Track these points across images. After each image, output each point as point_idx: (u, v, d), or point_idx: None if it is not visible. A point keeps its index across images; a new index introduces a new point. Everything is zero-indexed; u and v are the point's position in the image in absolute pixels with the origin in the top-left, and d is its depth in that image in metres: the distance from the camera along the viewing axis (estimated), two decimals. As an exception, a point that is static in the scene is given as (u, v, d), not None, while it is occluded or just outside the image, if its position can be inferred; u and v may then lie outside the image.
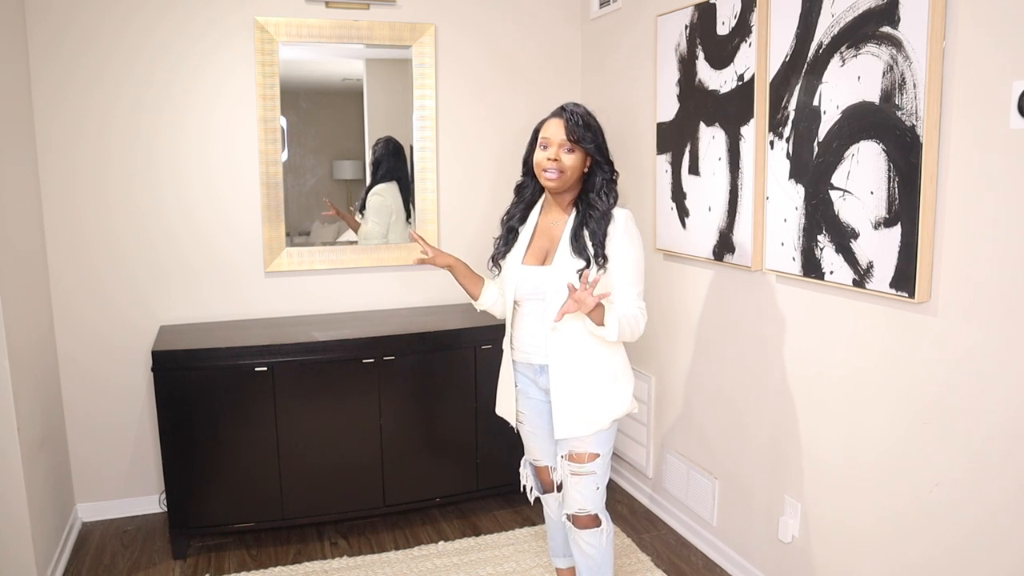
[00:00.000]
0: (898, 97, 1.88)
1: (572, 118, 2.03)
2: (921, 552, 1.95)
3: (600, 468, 2.13)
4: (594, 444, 2.10)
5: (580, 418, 2.07)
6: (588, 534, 2.16)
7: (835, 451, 2.23)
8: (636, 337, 2.05)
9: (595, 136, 2.06)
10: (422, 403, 3.01)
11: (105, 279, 3.06)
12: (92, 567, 2.80)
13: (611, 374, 2.10)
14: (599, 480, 2.14)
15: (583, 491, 2.13)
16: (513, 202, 2.25)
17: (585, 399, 2.08)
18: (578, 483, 2.13)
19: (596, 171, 2.08)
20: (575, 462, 2.12)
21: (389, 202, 3.40)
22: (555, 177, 2.04)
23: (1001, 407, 1.72)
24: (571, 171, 2.05)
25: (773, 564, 2.52)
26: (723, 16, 2.53)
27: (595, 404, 2.08)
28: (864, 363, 2.10)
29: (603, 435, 2.11)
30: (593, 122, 2.07)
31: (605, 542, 2.18)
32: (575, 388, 2.07)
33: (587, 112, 2.08)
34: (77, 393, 3.08)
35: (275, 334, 2.97)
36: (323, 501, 2.92)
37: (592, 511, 2.15)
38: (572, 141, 2.03)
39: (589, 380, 2.08)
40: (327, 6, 3.20)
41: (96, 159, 2.99)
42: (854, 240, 2.05)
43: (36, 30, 2.86)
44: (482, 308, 2.32)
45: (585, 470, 2.11)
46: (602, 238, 2.02)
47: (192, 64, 3.05)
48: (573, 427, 2.08)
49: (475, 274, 2.30)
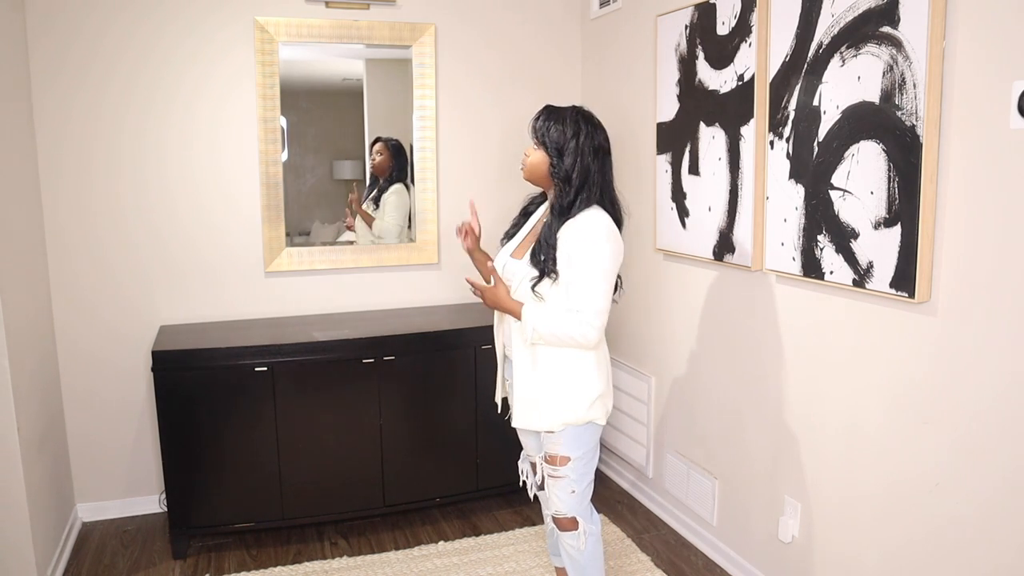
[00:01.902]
0: (898, 97, 1.88)
1: (540, 116, 2.06)
2: (921, 552, 1.95)
3: (574, 472, 2.11)
4: (565, 447, 2.09)
5: (528, 412, 2.09)
6: (568, 536, 2.17)
7: (835, 451, 2.23)
8: (567, 345, 2.00)
9: (560, 139, 2.00)
10: (422, 403, 3.01)
11: (105, 279, 3.06)
12: (92, 567, 2.80)
13: (570, 375, 2.05)
14: (574, 484, 2.12)
15: (558, 494, 2.13)
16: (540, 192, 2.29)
17: (535, 395, 2.07)
18: (553, 485, 2.14)
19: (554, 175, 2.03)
20: (550, 464, 2.13)
21: (407, 200, 3.42)
22: (522, 170, 2.12)
23: (1001, 407, 1.72)
24: (532, 167, 2.08)
25: (773, 564, 2.52)
26: (723, 16, 2.53)
27: (545, 402, 2.06)
28: (864, 363, 2.10)
29: (575, 439, 2.08)
30: (564, 126, 2.00)
31: (585, 545, 2.15)
32: (527, 382, 2.08)
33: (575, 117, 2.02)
34: (77, 393, 3.08)
35: (275, 334, 2.97)
36: (323, 501, 2.92)
37: (568, 514, 2.14)
38: (534, 139, 2.07)
39: (541, 378, 2.06)
40: (327, 6, 3.20)
41: (95, 159, 2.99)
42: (854, 240, 2.05)
43: (36, 30, 2.86)
44: None
45: (558, 473, 2.12)
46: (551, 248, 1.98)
47: (192, 64, 3.05)
48: (522, 419, 2.10)
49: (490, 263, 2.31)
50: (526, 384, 2.09)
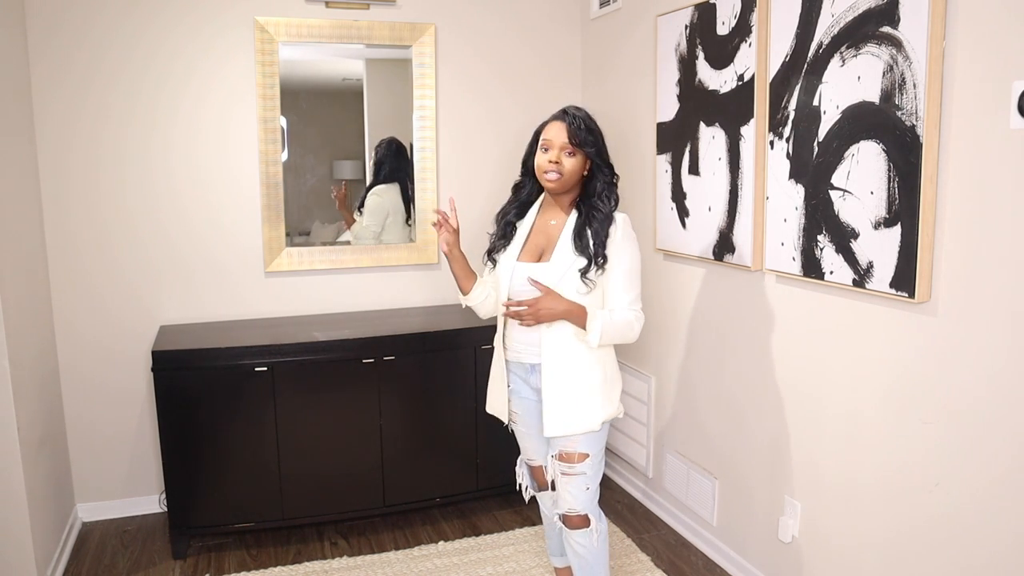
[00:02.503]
0: (898, 97, 1.88)
1: (574, 122, 2.05)
2: (921, 552, 1.95)
3: (590, 469, 2.13)
4: (584, 444, 2.11)
5: (569, 418, 2.08)
6: (579, 534, 2.17)
7: (835, 451, 2.23)
8: (629, 341, 2.08)
9: (596, 140, 2.08)
10: (422, 403, 3.01)
11: (105, 279, 3.06)
12: (92, 567, 2.80)
13: (601, 376, 2.11)
14: (589, 480, 2.14)
15: (573, 491, 2.14)
16: (509, 200, 2.26)
17: (575, 399, 2.08)
18: (568, 483, 2.14)
19: (597, 174, 2.10)
20: (565, 462, 2.13)
21: (386, 202, 3.41)
22: (555, 179, 2.06)
23: (1001, 406, 1.72)
24: (571, 174, 2.06)
25: (773, 564, 2.52)
26: (723, 16, 2.53)
27: (585, 404, 2.09)
28: (864, 363, 2.10)
29: (593, 435, 2.12)
30: (594, 126, 2.09)
31: (596, 542, 2.18)
32: (565, 388, 2.08)
33: (588, 116, 2.09)
34: (77, 393, 3.08)
35: (275, 334, 2.97)
36: (323, 501, 2.92)
37: (582, 511, 2.15)
38: (574, 145, 2.04)
39: (580, 380, 2.09)
40: (327, 6, 3.20)
41: (96, 159, 2.99)
42: (854, 240, 2.05)
43: (36, 31, 2.85)
44: (468, 304, 2.29)
45: (575, 470, 2.12)
46: (604, 239, 2.04)
47: (192, 64, 3.05)
48: (562, 426, 2.09)
49: (470, 268, 2.28)
50: (563, 389, 2.08)
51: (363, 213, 3.38)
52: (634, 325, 2.07)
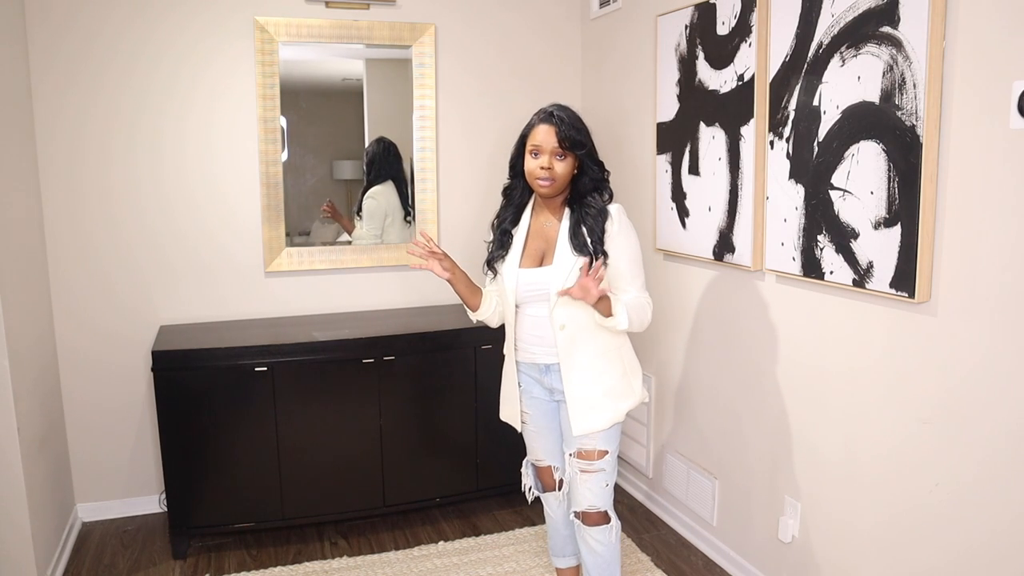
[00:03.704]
0: (898, 97, 1.88)
1: (563, 125, 2.02)
2: (921, 552, 1.95)
3: (609, 465, 2.15)
4: (603, 441, 2.13)
5: (596, 413, 2.10)
6: (597, 531, 2.17)
7: (835, 451, 2.23)
8: (645, 326, 2.10)
9: (585, 140, 2.05)
10: (422, 403, 3.01)
11: (105, 279, 3.06)
12: (92, 567, 2.80)
13: (620, 367, 2.13)
14: (608, 477, 2.16)
15: (593, 488, 2.14)
16: (503, 205, 2.25)
17: (599, 394, 2.10)
18: (588, 480, 2.14)
19: (586, 171, 2.08)
20: (585, 459, 2.13)
21: (383, 204, 3.40)
22: (548, 185, 2.05)
23: (1001, 406, 1.72)
24: (563, 178, 2.06)
25: (773, 564, 2.52)
26: (723, 16, 2.53)
27: (609, 398, 2.11)
28: (864, 363, 2.10)
29: (611, 432, 2.14)
30: (582, 125, 2.07)
31: (614, 539, 2.19)
32: (588, 384, 2.09)
33: (575, 115, 2.07)
34: (77, 393, 3.08)
35: (275, 334, 2.97)
36: (323, 501, 2.92)
37: (602, 508, 2.16)
38: (564, 148, 2.03)
39: (601, 375, 2.10)
40: (327, 6, 3.20)
41: (96, 159, 2.99)
42: (854, 240, 2.05)
43: (36, 31, 2.86)
44: (479, 319, 2.28)
45: (595, 467, 2.13)
46: (600, 234, 2.04)
47: (192, 64, 3.05)
48: (590, 422, 2.09)
49: (474, 284, 2.26)
50: (586, 387, 2.09)
51: (362, 218, 3.37)
52: (647, 310, 2.10)
